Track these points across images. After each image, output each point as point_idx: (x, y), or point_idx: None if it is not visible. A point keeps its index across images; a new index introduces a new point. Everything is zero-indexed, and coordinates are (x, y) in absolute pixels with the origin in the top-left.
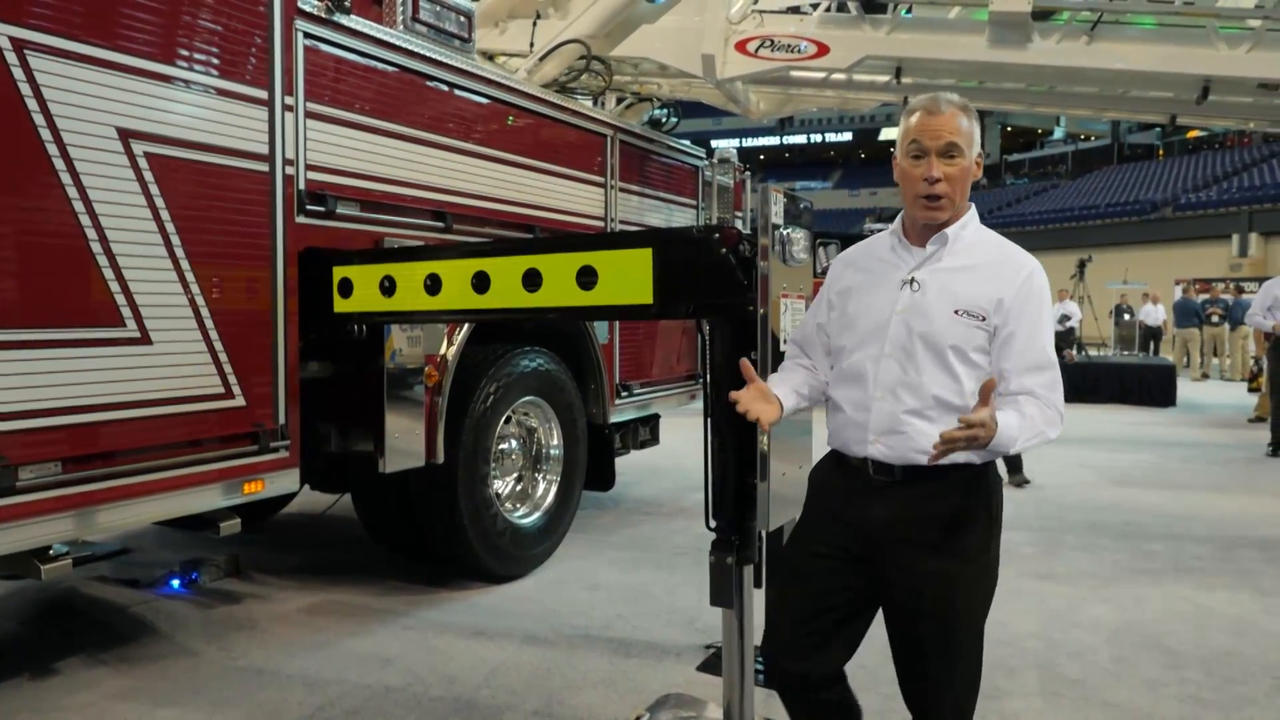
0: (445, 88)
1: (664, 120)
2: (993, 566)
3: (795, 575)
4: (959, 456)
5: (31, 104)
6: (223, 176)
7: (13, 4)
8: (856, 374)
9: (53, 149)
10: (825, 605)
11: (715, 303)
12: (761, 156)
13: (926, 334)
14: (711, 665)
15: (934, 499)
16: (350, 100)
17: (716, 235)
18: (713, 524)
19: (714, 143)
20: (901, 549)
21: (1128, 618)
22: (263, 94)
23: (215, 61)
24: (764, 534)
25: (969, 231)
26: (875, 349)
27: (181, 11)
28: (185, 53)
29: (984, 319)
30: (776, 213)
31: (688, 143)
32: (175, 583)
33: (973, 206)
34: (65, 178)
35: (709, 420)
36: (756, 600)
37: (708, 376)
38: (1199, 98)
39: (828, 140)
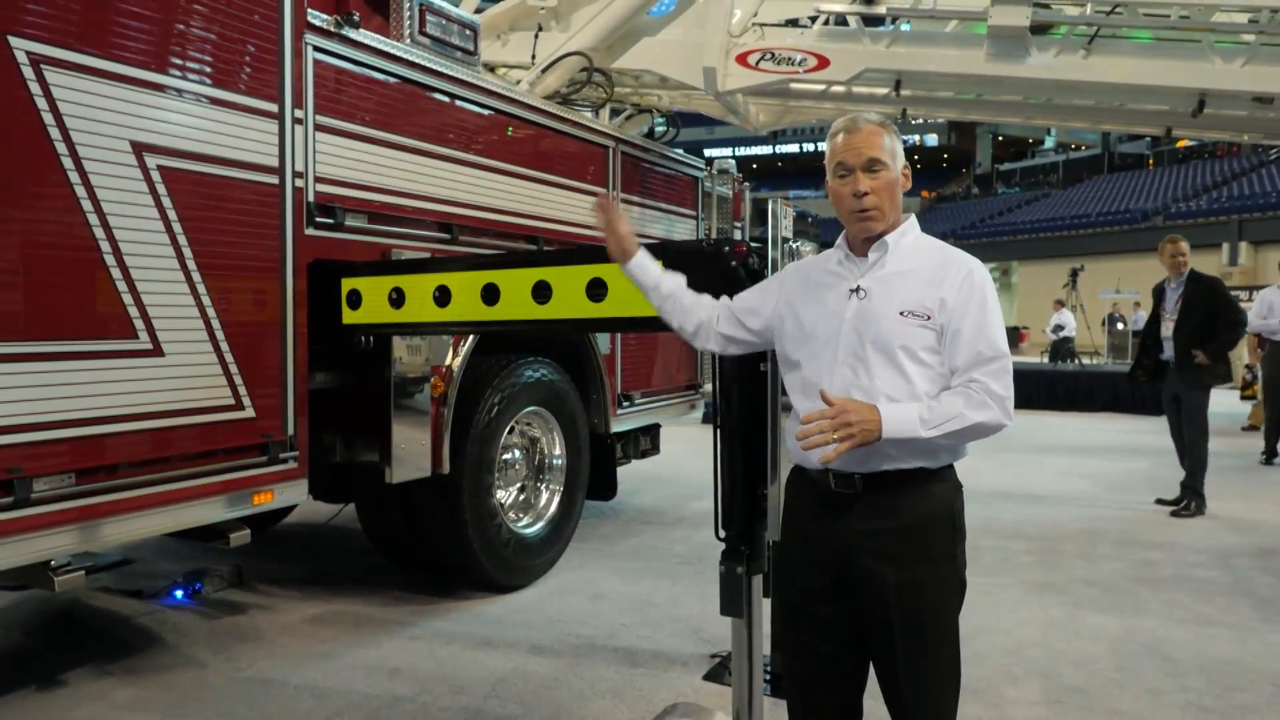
0: (452, 100)
1: (665, 131)
2: (960, 570)
3: (798, 621)
4: (911, 461)
5: (47, 118)
6: (234, 189)
7: (30, 19)
8: (813, 385)
9: (68, 162)
10: (833, 649)
11: None
12: (754, 166)
13: (876, 338)
14: (717, 674)
15: (896, 507)
16: (358, 113)
17: (727, 248)
18: (722, 534)
19: (708, 152)
20: (868, 559)
21: (1128, 626)
22: (273, 107)
23: (226, 75)
24: (773, 543)
25: (909, 238)
26: (829, 358)
27: (193, 26)
28: (197, 67)
29: (929, 318)
30: (785, 226)
31: (681, 151)
32: (179, 593)
33: (913, 216)
34: (80, 190)
35: (718, 431)
36: (764, 609)
37: (717, 388)
38: (1195, 110)
39: (820, 150)
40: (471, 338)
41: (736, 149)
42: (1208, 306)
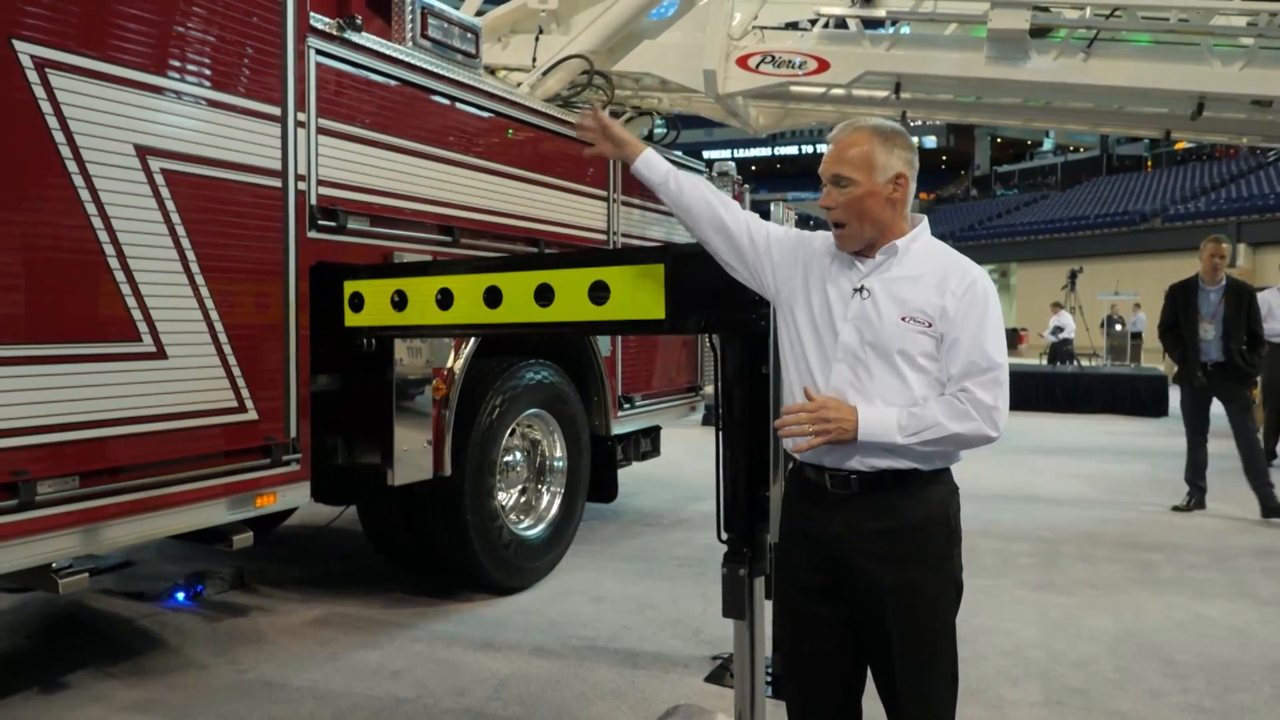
0: (453, 103)
1: (665, 134)
2: (956, 573)
3: (796, 621)
4: (903, 462)
5: (51, 121)
6: (236, 192)
7: (34, 24)
8: (810, 383)
9: (72, 165)
10: (831, 649)
11: (726, 317)
12: (753, 168)
13: (875, 341)
14: (718, 676)
15: (892, 509)
16: (360, 116)
17: None
18: (724, 536)
19: (707, 154)
20: (864, 560)
21: (1128, 627)
22: (275, 110)
23: (229, 79)
24: (773, 544)
25: (919, 244)
26: (829, 353)
27: (196, 30)
28: (200, 70)
29: (929, 325)
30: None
31: (680, 154)
32: (180, 595)
33: (924, 220)
34: (84, 194)
35: (720, 433)
36: (766, 611)
37: (718, 390)
38: (1194, 113)
39: (819, 152)
40: (473, 340)
41: (735, 151)
42: (1249, 309)
